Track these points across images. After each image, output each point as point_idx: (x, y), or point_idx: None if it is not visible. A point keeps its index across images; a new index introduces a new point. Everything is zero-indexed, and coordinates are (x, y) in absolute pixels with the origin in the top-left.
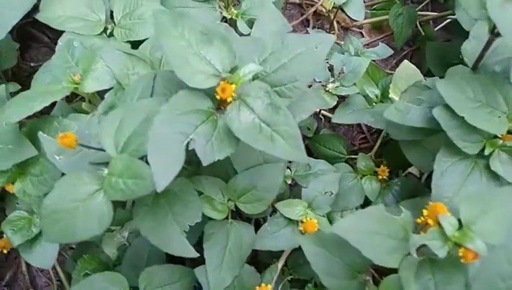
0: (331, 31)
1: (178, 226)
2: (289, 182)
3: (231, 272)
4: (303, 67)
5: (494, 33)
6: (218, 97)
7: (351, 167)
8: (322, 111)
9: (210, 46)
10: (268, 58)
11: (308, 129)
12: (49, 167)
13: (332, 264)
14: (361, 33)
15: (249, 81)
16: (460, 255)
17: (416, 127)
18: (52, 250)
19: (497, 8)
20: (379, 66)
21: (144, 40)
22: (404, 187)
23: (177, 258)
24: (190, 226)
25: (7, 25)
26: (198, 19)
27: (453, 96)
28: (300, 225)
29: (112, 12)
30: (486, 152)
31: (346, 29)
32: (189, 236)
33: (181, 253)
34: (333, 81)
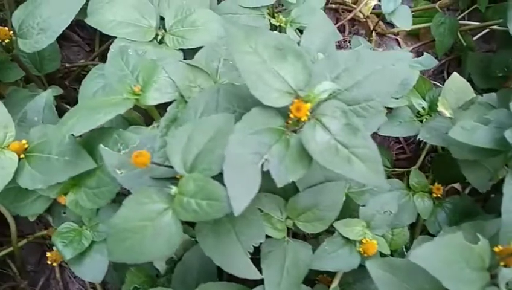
0: (368, 37)
1: (241, 246)
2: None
3: None
4: (379, 86)
5: None
6: (291, 116)
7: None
8: None
9: (284, 62)
10: (341, 75)
11: None
12: (106, 180)
13: None
14: (397, 40)
15: (324, 99)
16: None
17: (482, 147)
18: (103, 263)
19: None
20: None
21: (196, 48)
22: (456, 205)
23: (229, 275)
24: None
25: (56, 29)
26: (272, 33)
27: None
28: (359, 246)
29: (162, 18)
30: None
31: (382, 36)
32: None
33: (245, 274)
34: None
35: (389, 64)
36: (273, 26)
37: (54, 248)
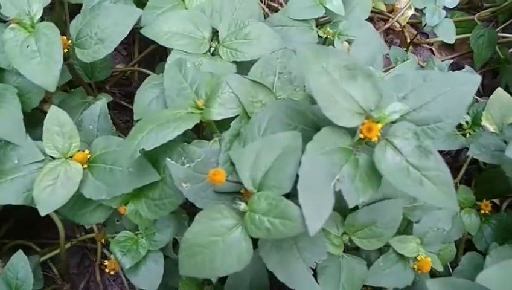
0: (403, 47)
1: (304, 262)
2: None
3: None
4: (448, 108)
5: None
6: (361, 136)
7: None
8: None
9: (354, 83)
10: (409, 96)
11: None
12: (169, 192)
13: None
14: (432, 50)
15: (395, 120)
16: None
17: None
18: (157, 272)
19: None
20: None
21: (249, 61)
22: (501, 221)
23: (280, 287)
24: None
25: (114, 40)
26: (341, 53)
27: None
28: (413, 263)
29: (214, 29)
30: None
31: (416, 46)
32: None
33: None
34: None
35: (458, 86)
36: (320, 38)
37: (111, 256)
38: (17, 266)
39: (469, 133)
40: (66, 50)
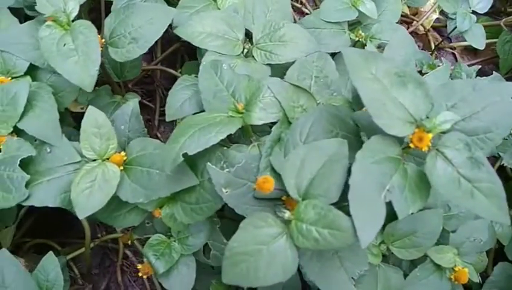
0: (426, 51)
1: (346, 272)
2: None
3: None
4: (497, 118)
5: None
6: (411, 145)
7: None
8: None
9: (404, 90)
10: (458, 105)
11: None
12: (207, 197)
13: None
14: (454, 54)
15: (445, 130)
16: None
17: None
18: (189, 276)
19: None
20: None
21: (282, 64)
22: None
23: None
24: None
25: (149, 40)
26: (390, 60)
27: None
28: (450, 273)
29: (248, 31)
30: None
31: (439, 50)
32: None
33: None
34: None
35: (508, 96)
36: (352, 41)
37: (144, 260)
38: (48, 268)
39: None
40: (101, 49)
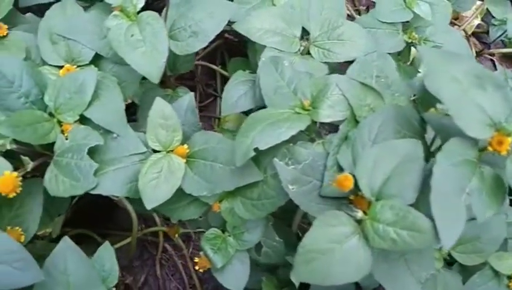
0: None
1: (412, 276)
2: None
3: None
4: None
5: None
6: (490, 149)
7: None
8: None
9: (483, 92)
10: None
11: None
12: (270, 193)
13: None
14: (492, 60)
15: None
16: None
17: None
18: (244, 272)
19: None
20: None
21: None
22: None
23: None
24: None
25: (209, 34)
26: (469, 61)
27: None
28: (508, 280)
29: (304, 28)
30: None
31: (477, 56)
32: None
33: None
34: None
35: None
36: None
37: (200, 253)
38: (104, 258)
39: None
40: None
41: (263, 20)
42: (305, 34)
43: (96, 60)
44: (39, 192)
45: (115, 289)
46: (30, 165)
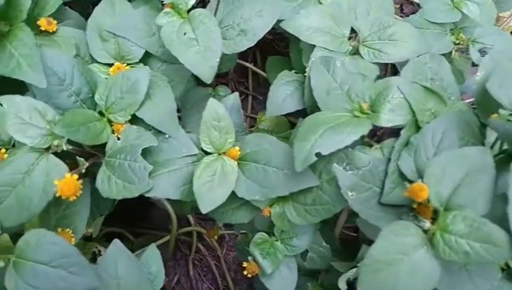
0: None
1: (476, 288)
2: None
3: None
4: None
5: None
6: None
7: None
8: None
9: None
10: None
11: None
12: (325, 199)
13: None
14: None
15: None
16: None
17: None
18: (291, 279)
19: None
20: None
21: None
22: None
23: None
24: None
25: (257, 32)
26: None
27: None
28: None
29: (352, 28)
30: None
31: None
32: None
33: None
34: None
35: None
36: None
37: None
38: (151, 260)
39: None
40: None
41: (312, 18)
42: (351, 34)
43: (146, 58)
44: (87, 193)
45: None
46: (85, 166)
